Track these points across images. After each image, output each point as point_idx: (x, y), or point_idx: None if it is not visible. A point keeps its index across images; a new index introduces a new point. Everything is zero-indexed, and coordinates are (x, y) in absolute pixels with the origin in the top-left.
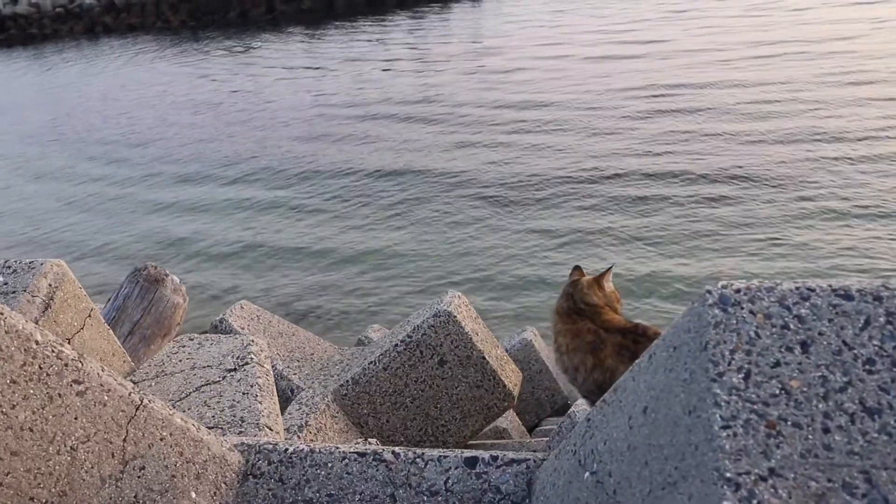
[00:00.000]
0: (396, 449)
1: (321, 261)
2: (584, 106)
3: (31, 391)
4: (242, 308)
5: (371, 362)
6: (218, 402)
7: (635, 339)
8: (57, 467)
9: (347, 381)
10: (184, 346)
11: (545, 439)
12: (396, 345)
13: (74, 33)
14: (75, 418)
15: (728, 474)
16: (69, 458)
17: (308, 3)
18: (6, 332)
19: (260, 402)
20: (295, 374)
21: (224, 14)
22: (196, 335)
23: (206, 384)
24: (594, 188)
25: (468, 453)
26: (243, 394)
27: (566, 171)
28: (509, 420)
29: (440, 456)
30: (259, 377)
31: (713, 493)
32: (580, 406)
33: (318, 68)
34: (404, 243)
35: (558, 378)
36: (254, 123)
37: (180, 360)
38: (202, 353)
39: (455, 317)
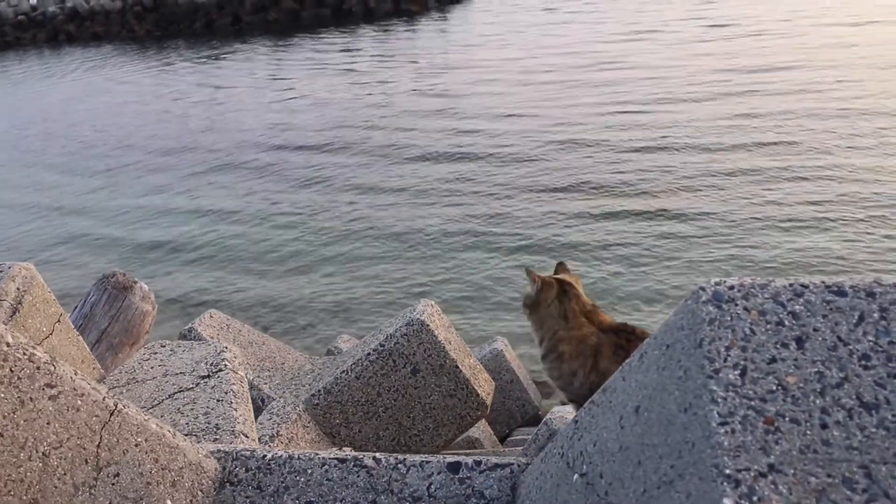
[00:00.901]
0: (377, 455)
1: (289, 270)
2: (543, 124)
3: (2, 395)
4: (212, 317)
5: (343, 371)
6: (192, 409)
7: (628, 338)
8: (28, 474)
9: (319, 390)
10: (155, 353)
11: (518, 449)
12: (369, 354)
13: (37, 42)
14: (47, 423)
15: (727, 471)
16: (41, 464)
17: (274, 14)
18: None
19: (235, 409)
20: (265, 383)
21: (190, 24)
22: (168, 342)
23: (180, 391)
24: (559, 201)
25: (451, 458)
26: (217, 401)
27: (531, 184)
28: (481, 430)
29: (422, 461)
30: (233, 384)
31: (712, 490)
32: (556, 413)
33: (283, 79)
34: (374, 253)
35: (528, 388)
36: (218, 132)
37: (152, 367)
38: (175, 360)
39: (428, 325)
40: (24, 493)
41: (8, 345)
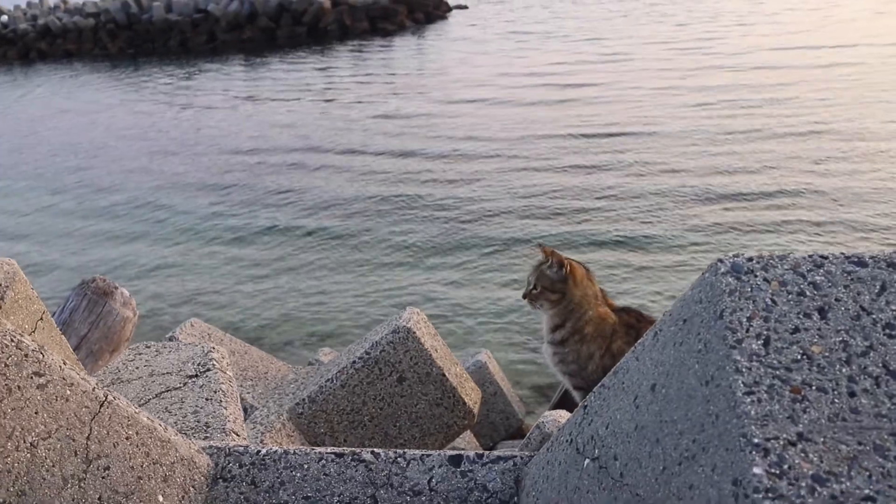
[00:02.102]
0: (376, 449)
1: (269, 283)
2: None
3: None
4: (193, 325)
5: (328, 380)
6: (180, 408)
7: (637, 318)
8: (16, 465)
9: (304, 399)
10: (140, 354)
11: None
12: (354, 361)
13: (7, 59)
14: (35, 413)
15: (756, 440)
16: (29, 455)
17: (249, 32)
18: None
19: (225, 408)
20: (248, 392)
21: (164, 42)
22: (153, 343)
23: (167, 390)
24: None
25: (451, 452)
26: (206, 399)
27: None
28: (467, 441)
29: (423, 455)
30: (222, 383)
31: (741, 460)
32: (548, 417)
33: (257, 97)
34: (352, 267)
35: (512, 401)
36: (191, 149)
37: (137, 368)
38: (161, 361)
39: (414, 333)
40: (12, 485)
41: None
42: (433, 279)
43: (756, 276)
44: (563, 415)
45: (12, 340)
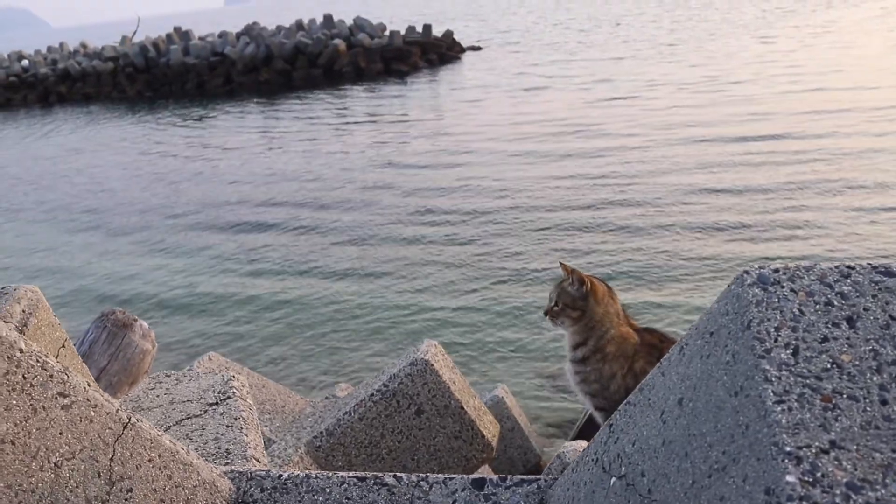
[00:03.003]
0: (398, 473)
1: (284, 319)
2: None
3: (14, 402)
4: (210, 359)
5: (346, 413)
6: (201, 434)
7: (661, 339)
8: (40, 484)
9: (321, 432)
10: (161, 382)
11: None
12: (372, 394)
13: (28, 102)
14: (60, 433)
15: (788, 448)
16: (53, 475)
17: (266, 74)
18: None
19: (245, 435)
20: (266, 426)
21: (181, 85)
22: (173, 371)
23: (187, 417)
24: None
25: (474, 475)
26: (227, 426)
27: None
28: (486, 475)
29: (445, 478)
30: (243, 410)
31: (773, 468)
32: (568, 447)
33: (273, 138)
34: (368, 300)
35: (530, 436)
36: (208, 188)
37: (157, 396)
38: (181, 389)
39: (432, 365)
40: None
41: (21, 351)
42: (448, 317)
43: (783, 287)
44: (583, 445)
45: (38, 361)
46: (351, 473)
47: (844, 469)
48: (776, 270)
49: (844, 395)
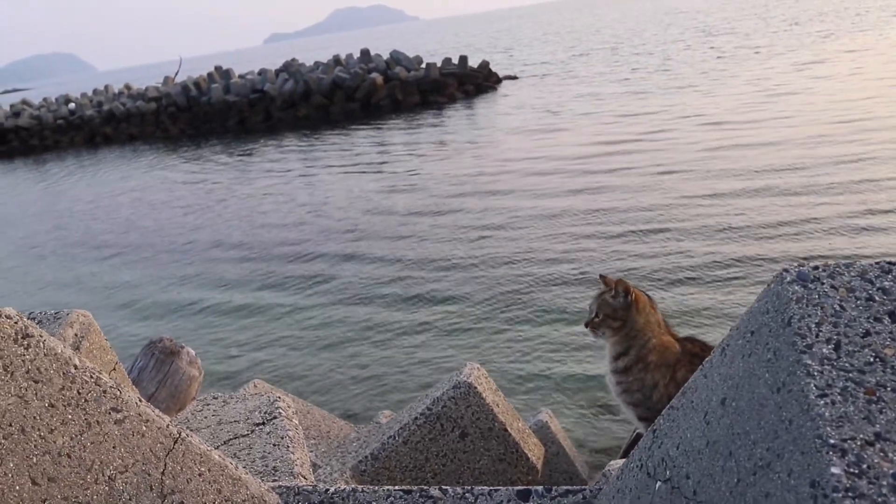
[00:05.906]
0: (444, 486)
1: (329, 346)
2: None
3: (70, 416)
4: (256, 386)
5: (390, 437)
6: (248, 454)
7: (702, 347)
8: (95, 497)
9: (366, 456)
10: (208, 405)
11: None
12: (416, 418)
13: (75, 144)
14: (113, 447)
15: (832, 441)
16: (107, 487)
17: (304, 110)
18: (45, 355)
19: (292, 453)
20: (311, 451)
21: (223, 122)
22: (220, 393)
23: (235, 437)
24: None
25: (519, 487)
26: (274, 445)
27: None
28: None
29: (490, 491)
30: (289, 430)
31: (818, 461)
32: (613, 466)
33: (312, 172)
34: (410, 329)
35: (576, 461)
36: (252, 222)
37: (205, 417)
38: (228, 410)
39: (476, 388)
40: None
41: (76, 367)
42: (489, 345)
43: (823, 284)
44: None
45: (91, 377)
46: (397, 487)
47: (891, 460)
48: (816, 268)
49: (888, 388)
